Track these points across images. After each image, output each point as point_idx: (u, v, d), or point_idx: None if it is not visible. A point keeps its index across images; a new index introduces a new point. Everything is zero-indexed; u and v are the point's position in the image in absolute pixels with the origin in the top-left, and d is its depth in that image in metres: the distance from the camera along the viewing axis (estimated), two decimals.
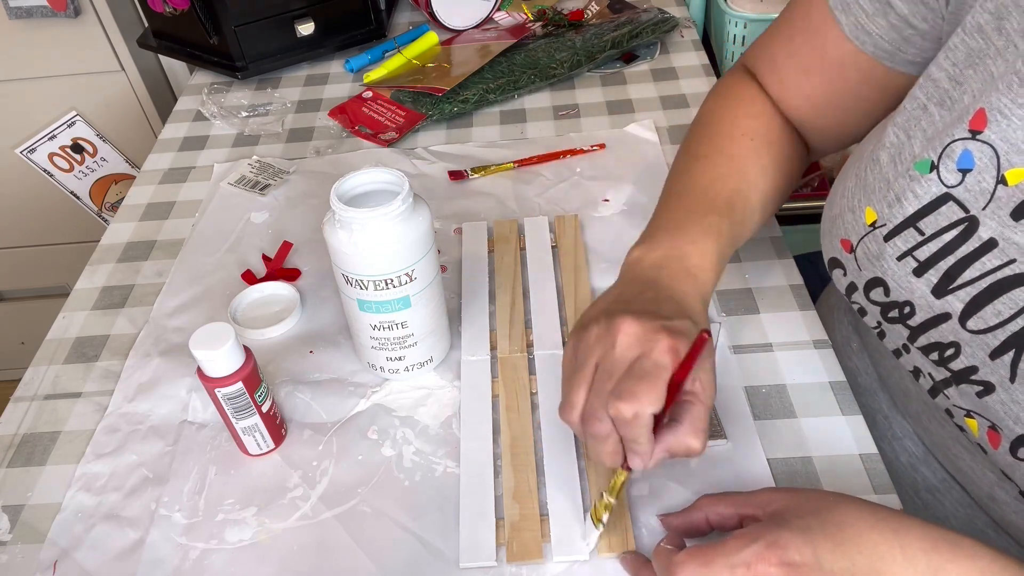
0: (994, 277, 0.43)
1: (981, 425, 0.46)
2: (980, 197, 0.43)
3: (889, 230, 0.47)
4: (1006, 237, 0.42)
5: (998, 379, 0.44)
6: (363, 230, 0.51)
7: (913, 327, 0.48)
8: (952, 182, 0.43)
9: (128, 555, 0.51)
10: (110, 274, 0.74)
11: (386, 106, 0.93)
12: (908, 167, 0.46)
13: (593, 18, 1.04)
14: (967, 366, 0.45)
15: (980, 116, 0.42)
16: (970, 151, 0.43)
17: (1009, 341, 0.43)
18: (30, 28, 1.18)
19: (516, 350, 0.62)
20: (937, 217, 0.44)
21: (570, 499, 0.51)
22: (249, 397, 0.52)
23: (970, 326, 0.44)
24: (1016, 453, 0.44)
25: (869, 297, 0.50)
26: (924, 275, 0.46)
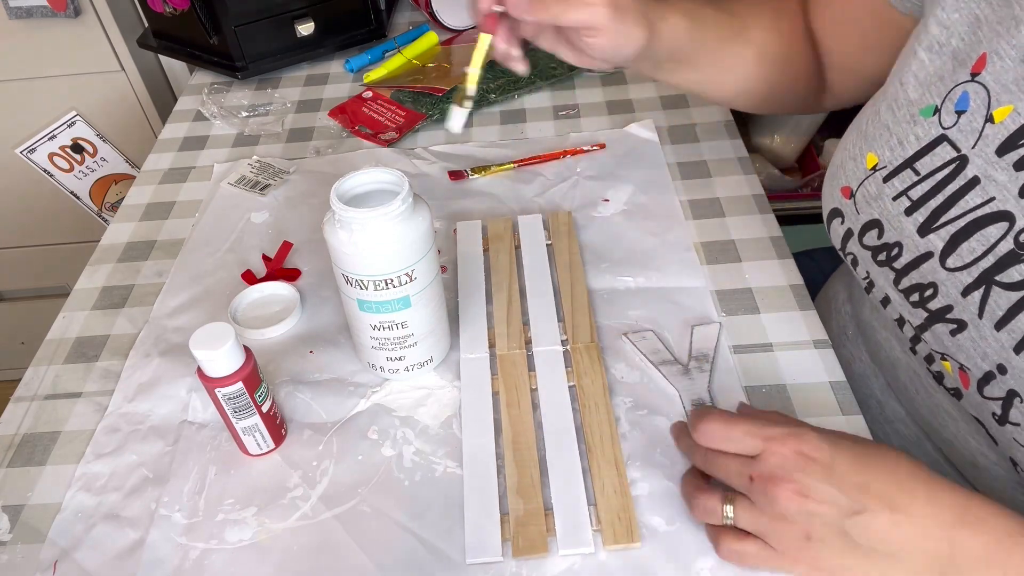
0: (974, 215, 0.45)
1: (954, 366, 0.48)
2: (970, 136, 0.45)
3: (889, 171, 0.49)
4: (988, 175, 0.44)
5: (969, 316, 0.45)
6: (363, 230, 0.51)
7: (898, 269, 0.50)
8: (948, 123, 0.46)
9: (128, 555, 0.51)
10: (110, 274, 0.74)
11: (386, 106, 0.93)
12: (911, 112, 0.48)
13: None
14: (943, 305, 0.47)
15: (982, 60, 0.44)
16: (967, 93, 0.45)
17: (980, 278, 0.45)
18: (30, 28, 1.18)
19: (515, 347, 0.62)
20: (932, 158, 0.47)
21: (574, 492, 0.52)
22: (249, 397, 0.52)
23: (948, 264, 0.46)
24: (983, 391, 0.46)
25: (863, 242, 0.52)
26: (913, 214, 0.48)
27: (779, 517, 0.42)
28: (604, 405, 0.57)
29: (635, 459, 0.54)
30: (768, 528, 0.43)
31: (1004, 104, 0.43)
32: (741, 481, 0.44)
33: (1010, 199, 0.43)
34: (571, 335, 0.62)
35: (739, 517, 0.44)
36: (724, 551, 0.46)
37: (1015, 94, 0.43)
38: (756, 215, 0.73)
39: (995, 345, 0.44)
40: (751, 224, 0.73)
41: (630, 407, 0.57)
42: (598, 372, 0.59)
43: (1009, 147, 0.43)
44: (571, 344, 0.62)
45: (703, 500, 0.46)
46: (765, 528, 0.43)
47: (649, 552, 0.49)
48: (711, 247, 0.71)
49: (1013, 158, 0.43)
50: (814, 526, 0.41)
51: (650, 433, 0.55)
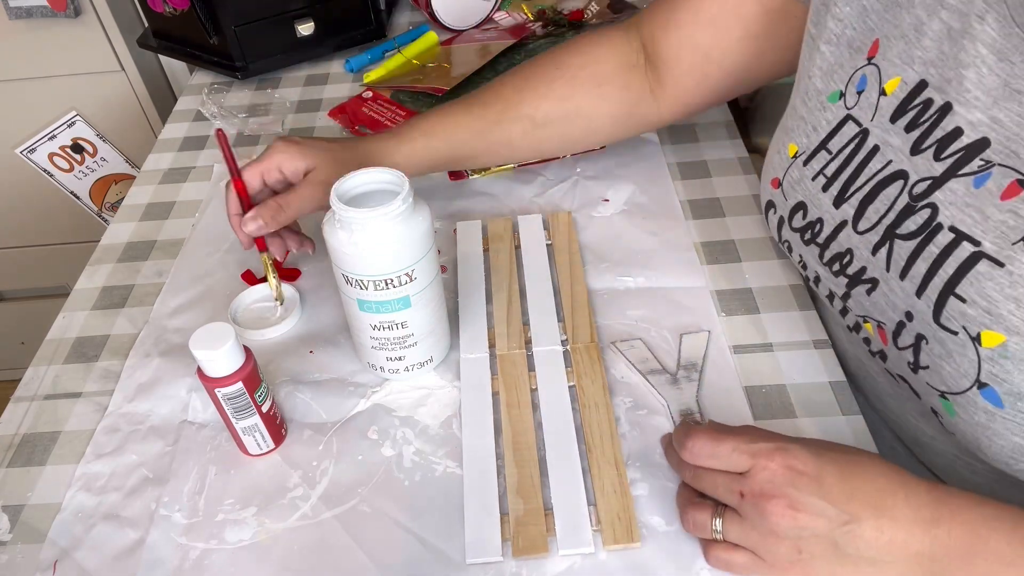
0: (876, 179, 0.49)
1: (873, 326, 0.51)
2: (868, 111, 0.50)
3: (807, 155, 0.54)
4: (885, 141, 0.48)
5: (879, 272, 0.49)
6: (363, 230, 0.51)
7: (820, 243, 0.54)
8: (851, 104, 0.51)
9: (128, 555, 0.51)
10: (110, 274, 0.74)
11: (386, 106, 0.93)
12: (820, 101, 0.53)
13: (593, 18, 1.04)
14: (858, 268, 0.51)
15: (875, 45, 0.49)
16: (865, 75, 0.50)
17: (884, 235, 0.48)
18: (30, 28, 1.18)
19: (515, 347, 0.62)
20: (841, 136, 0.51)
21: (574, 492, 0.52)
22: (249, 397, 0.52)
23: (859, 228, 0.50)
24: (897, 342, 0.49)
25: (791, 225, 0.56)
26: (829, 188, 0.52)
27: (769, 532, 0.43)
28: (604, 405, 0.57)
29: (635, 459, 0.54)
30: (758, 543, 0.44)
31: (892, 77, 0.48)
32: (731, 497, 0.44)
33: (904, 159, 0.47)
34: (571, 335, 0.62)
35: (728, 531, 0.45)
36: (713, 560, 0.46)
37: (899, 67, 0.47)
38: (756, 215, 0.73)
39: (901, 294, 0.47)
40: (751, 224, 0.73)
41: (630, 407, 0.57)
42: (598, 372, 0.59)
43: (900, 113, 0.47)
44: (571, 344, 0.62)
45: (693, 514, 0.47)
46: (755, 543, 0.44)
47: (649, 552, 0.49)
48: (711, 247, 0.71)
49: (903, 122, 0.47)
50: (805, 540, 0.42)
51: (650, 433, 0.55)
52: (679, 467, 0.49)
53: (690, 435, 0.46)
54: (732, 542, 0.45)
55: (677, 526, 0.50)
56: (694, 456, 0.46)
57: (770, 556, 0.43)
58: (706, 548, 0.47)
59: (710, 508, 0.46)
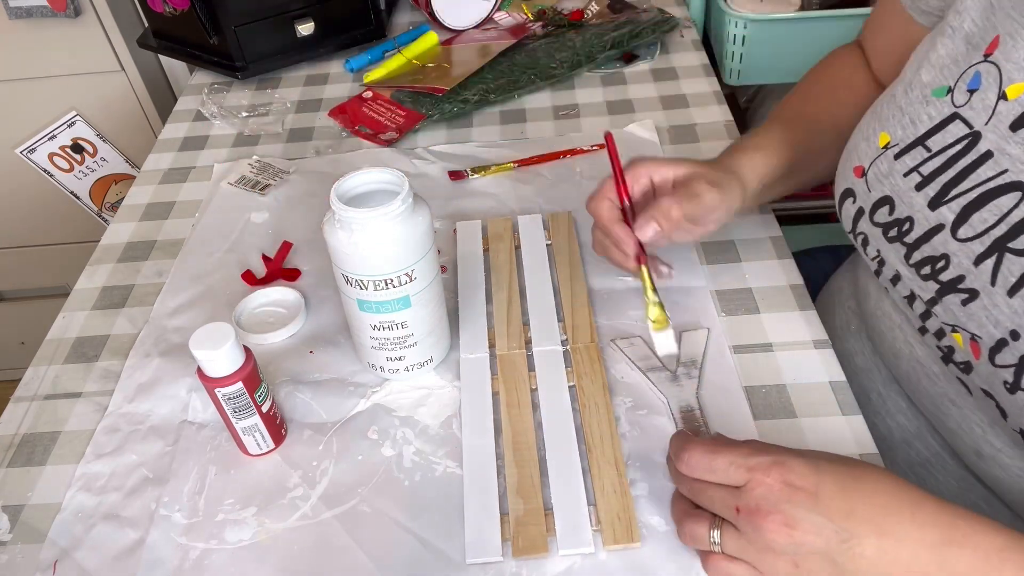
0: (985, 187, 0.46)
1: (964, 338, 0.49)
2: (983, 113, 0.47)
3: (900, 149, 0.51)
4: (1001, 148, 0.46)
5: (981, 284, 0.47)
6: (363, 230, 0.51)
7: (909, 243, 0.51)
8: (961, 102, 0.48)
9: (128, 555, 0.51)
10: (110, 274, 0.74)
11: (386, 106, 0.93)
12: (924, 94, 0.51)
13: (593, 18, 1.04)
14: (955, 276, 0.48)
15: (995, 42, 0.47)
16: (979, 72, 0.47)
17: (992, 246, 0.46)
18: (30, 28, 1.18)
19: (515, 347, 0.62)
20: (944, 135, 0.49)
21: (574, 492, 0.52)
22: (249, 397, 0.52)
23: (960, 235, 0.48)
24: (994, 359, 0.46)
25: (873, 219, 0.54)
26: (924, 188, 0.49)
27: (766, 549, 0.41)
28: (604, 405, 0.57)
29: (635, 459, 0.54)
30: (756, 558, 0.43)
31: (1017, 82, 0.45)
32: (728, 512, 0.43)
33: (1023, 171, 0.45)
34: (571, 335, 0.62)
35: (726, 544, 0.44)
36: (712, 571, 0.45)
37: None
38: (756, 215, 0.73)
39: (1008, 311, 0.45)
40: (751, 224, 0.73)
41: (630, 407, 0.57)
42: (598, 372, 0.59)
43: (1023, 123, 0.45)
44: (571, 344, 0.62)
45: (690, 526, 0.46)
46: (753, 557, 0.43)
47: (649, 552, 0.49)
48: (711, 247, 0.71)
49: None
50: (803, 557, 0.41)
51: (650, 433, 0.55)
52: (676, 478, 0.48)
53: (686, 447, 0.45)
54: (731, 555, 0.44)
55: None
56: (690, 469, 0.45)
57: (769, 571, 0.42)
58: (705, 559, 0.46)
59: (707, 520, 0.45)
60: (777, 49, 1.00)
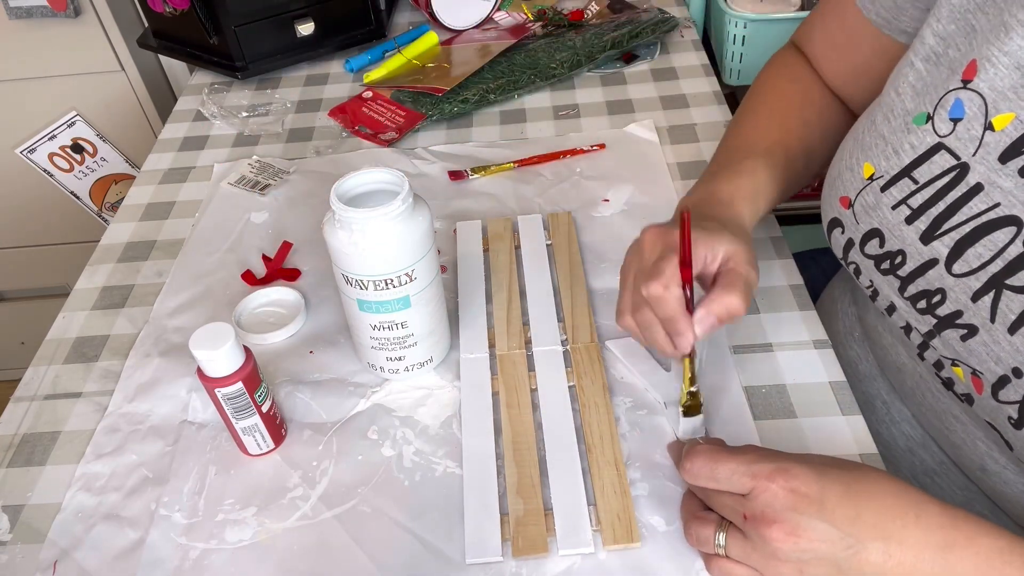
0: (978, 221, 0.45)
1: (966, 372, 0.48)
2: (970, 144, 0.45)
3: (886, 181, 0.50)
4: (991, 181, 0.44)
5: (980, 320, 0.46)
6: (363, 230, 0.51)
7: (903, 276, 0.50)
8: (944, 131, 0.46)
9: (128, 555, 0.51)
10: (110, 274, 0.74)
11: (386, 106, 0.93)
12: (905, 122, 0.49)
13: (593, 18, 1.04)
14: (952, 311, 0.47)
15: (972, 66, 0.45)
16: (961, 100, 0.46)
17: (989, 282, 0.45)
18: (30, 28, 1.18)
19: (515, 347, 0.62)
20: (930, 166, 0.47)
21: (573, 492, 0.52)
22: (249, 397, 0.52)
23: (955, 270, 0.46)
24: (997, 395, 0.46)
25: (864, 251, 0.52)
26: (915, 222, 0.48)
27: (771, 556, 0.41)
28: (604, 405, 0.57)
29: (635, 459, 0.54)
30: (760, 564, 0.43)
31: (1003, 112, 0.43)
32: (735, 517, 0.43)
33: (1017, 204, 0.43)
34: (571, 335, 0.62)
35: (731, 548, 0.44)
36: (715, 571, 0.46)
37: (1014, 101, 0.43)
38: None
39: (1009, 349, 0.44)
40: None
41: (630, 407, 0.57)
42: (598, 372, 0.59)
43: (1012, 154, 0.43)
44: (571, 344, 0.62)
45: (696, 528, 0.46)
46: (757, 563, 0.43)
47: (649, 552, 0.49)
48: None
49: (1018, 164, 0.43)
50: (808, 563, 0.41)
51: (650, 433, 0.55)
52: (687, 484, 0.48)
53: (689, 455, 0.45)
54: (735, 559, 0.44)
55: (677, 526, 0.50)
56: (693, 477, 0.45)
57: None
58: (708, 560, 0.46)
59: (713, 523, 0.45)
60: (777, 49, 1.00)
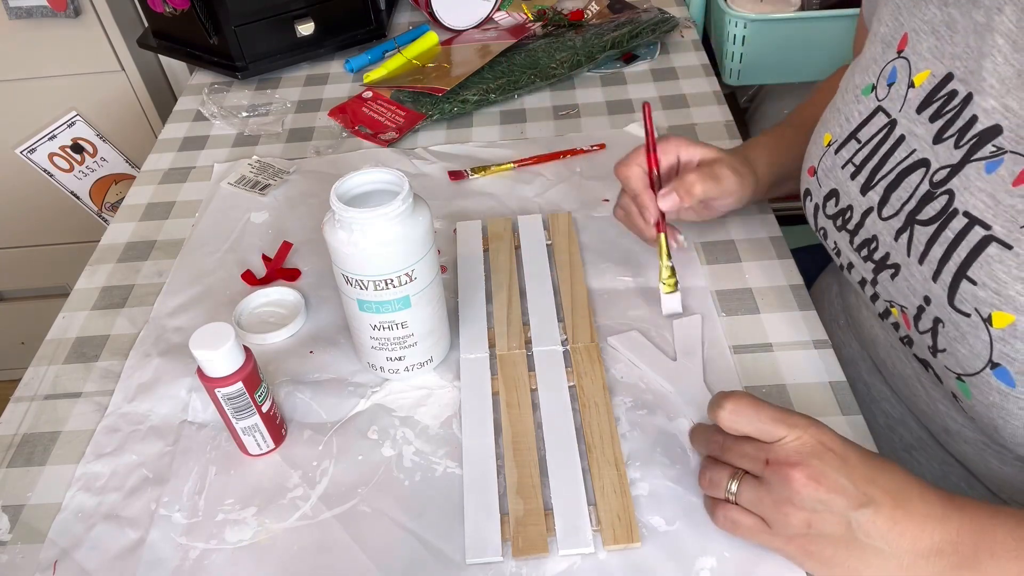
0: (900, 167, 0.51)
1: (899, 311, 0.53)
2: (897, 102, 0.52)
3: (838, 144, 0.57)
4: (910, 131, 0.51)
5: (901, 258, 0.51)
6: (363, 230, 0.51)
7: (851, 229, 0.56)
8: (882, 96, 0.54)
9: (128, 555, 0.51)
10: (110, 274, 0.74)
11: (386, 106, 0.93)
12: (855, 95, 0.56)
13: (593, 18, 1.04)
14: (884, 254, 0.53)
15: (904, 39, 0.53)
16: (896, 67, 0.53)
17: (906, 220, 0.51)
18: (30, 28, 1.18)
19: (515, 347, 0.62)
20: (871, 127, 0.54)
21: (573, 492, 0.52)
22: (249, 397, 0.52)
23: (884, 214, 0.53)
24: (918, 327, 0.51)
25: (825, 212, 0.59)
26: (857, 176, 0.55)
27: (786, 501, 0.43)
28: (604, 405, 0.57)
29: (635, 459, 0.54)
30: (770, 510, 0.44)
31: (922, 70, 0.51)
32: (756, 465, 0.45)
33: (927, 148, 0.50)
34: (571, 335, 0.62)
35: (741, 495, 0.45)
36: (719, 518, 0.47)
37: (930, 60, 0.50)
38: (756, 215, 0.73)
39: (920, 279, 0.49)
40: (751, 224, 0.73)
41: (630, 407, 0.57)
42: (598, 372, 0.59)
43: (926, 104, 0.50)
44: (571, 344, 0.62)
45: (711, 472, 0.47)
46: (767, 510, 0.44)
47: (649, 552, 0.49)
48: (711, 247, 0.71)
49: (928, 112, 0.50)
50: (819, 515, 0.42)
51: (650, 433, 0.55)
52: (706, 440, 0.49)
53: (731, 397, 0.46)
54: (743, 505, 0.46)
55: (678, 526, 0.50)
56: (734, 418, 0.45)
57: (778, 525, 0.44)
58: (714, 506, 0.47)
59: (729, 470, 0.47)
60: (777, 49, 1.00)
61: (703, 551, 0.48)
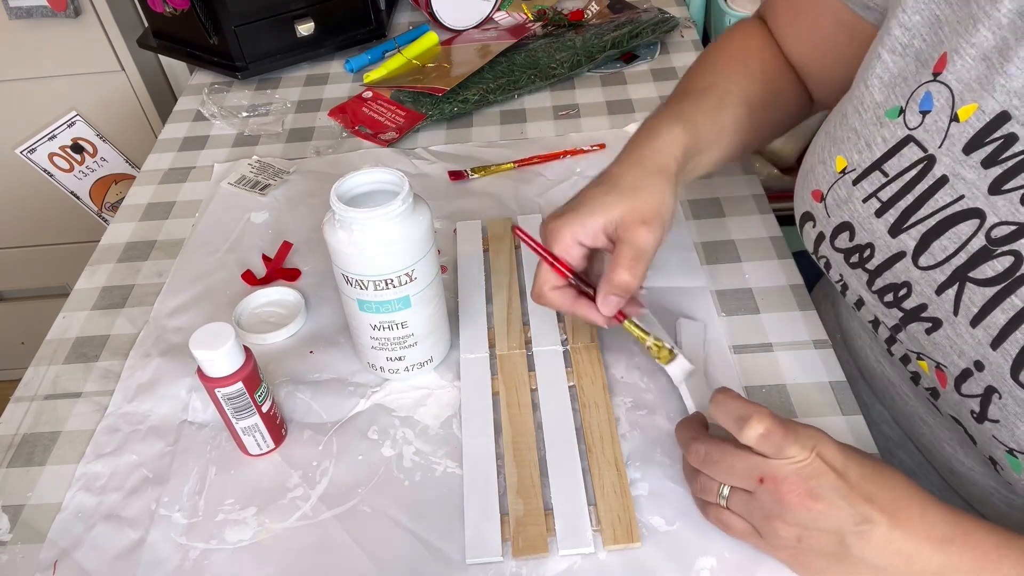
0: (943, 213, 0.45)
1: (930, 366, 0.48)
2: (936, 135, 0.45)
3: (858, 174, 0.50)
4: (956, 173, 0.44)
5: (944, 314, 0.46)
6: (363, 230, 0.51)
7: (871, 270, 0.50)
8: (914, 124, 0.47)
9: (128, 555, 0.51)
10: (110, 274, 0.74)
11: (386, 106, 0.93)
12: (877, 115, 0.49)
13: (593, 18, 1.04)
14: (917, 304, 0.48)
15: (943, 59, 0.45)
16: (931, 93, 0.46)
17: (953, 275, 0.45)
18: (30, 28, 1.18)
19: (515, 347, 0.62)
20: (900, 159, 0.47)
21: (573, 493, 0.52)
22: (249, 397, 0.52)
23: (921, 263, 0.47)
24: (960, 389, 0.46)
25: (834, 245, 0.53)
26: (884, 215, 0.48)
27: (776, 516, 0.42)
28: (604, 405, 0.57)
29: (635, 459, 0.54)
30: (760, 523, 0.43)
31: (968, 103, 0.44)
32: (748, 481, 0.43)
33: (979, 196, 0.43)
34: (571, 335, 0.62)
35: (733, 502, 0.45)
36: (712, 518, 0.46)
37: (978, 92, 0.43)
38: (756, 215, 0.73)
39: (971, 342, 0.44)
40: (751, 224, 0.73)
41: (630, 407, 0.57)
42: (598, 372, 0.59)
43: (976, 145, 0.43)
44: (571, 344, 0.62)
45: (704, 478, 0.46)
46: (757, 522, 0.44)
47: (649, 552, 0.49)
48: (711, 247, 0.71)
49: (980, 156, 0.43)
50: (811, 532, 0.41)
51: (650, 433, 0.55)
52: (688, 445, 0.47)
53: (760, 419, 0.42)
54: (734, 511, 0.45)
55: (678, 526, 0.50)
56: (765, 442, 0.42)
57: (768, 537, 0.43)
58: (705, 507, 0.47)
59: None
60: None
61: (703, 551, 0.48)
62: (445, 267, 0.70)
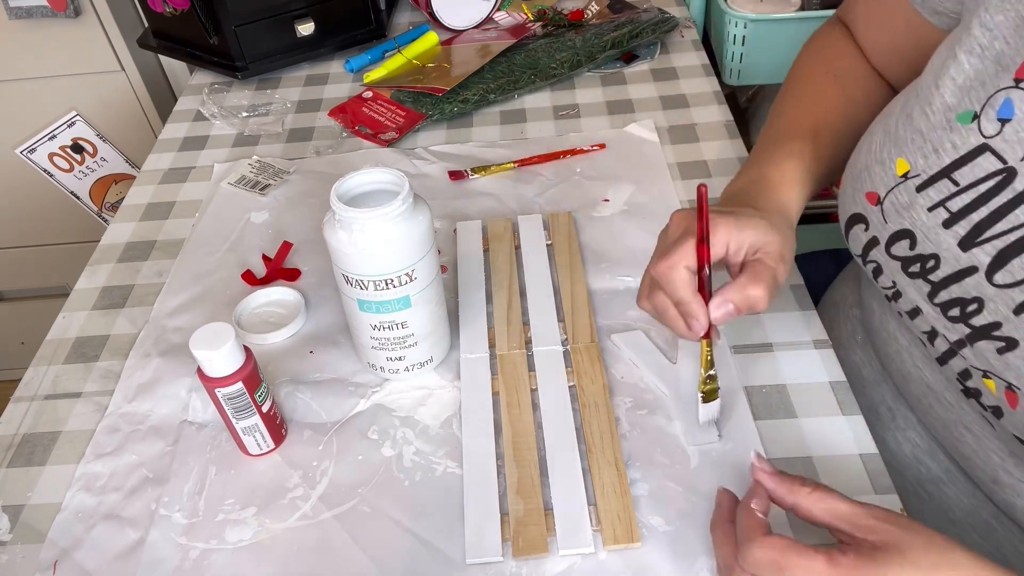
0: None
1: (999, 385, 0.45)
2: (1017, 147, 0.42)
3: (923, 180, 0.46)
4: None
5: (1022, 335, 0.43)
6: (363, 230, 0.51)
7: (935, 282, 0.47)
8: (991, 132, 0.43)
9: (128, 555, 0.51)
10: (110, 274, 0.74)
11: (386, 106, 0.93)
12: (947, 118, 0.46)
13: (593, 18, 1.04)
14: (990, 322, 0.44)
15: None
16: (1012, 100, 0.42)
17: None
18: (30, 28, 1.18)
19: (515, 347, 0.62)
20: (974, 168, 0.44)
21: (573, 493, 0.52)
22: (249, 397, 0.52)
23: (996, 280, 0.43)
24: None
25: (890, 251, 0.50)
26: (953, 227, 0.45)
27: None
28: (604, 405, 0.57)
29: (635, 459, 0.54)
30: None
31: None
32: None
33: None
34: (571, 335, 0.62)
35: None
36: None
37: None
38: None
39: None
40: None
41: (630, 407, 0.57)
42: (598, 372, 0.59)
43: None
44: (571, 344, 0.62)
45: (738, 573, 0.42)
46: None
47: (649, 552, 0.49)
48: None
49: None
50: None
51: (650, 433, 0.55)
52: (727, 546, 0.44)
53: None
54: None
55: (678, 526, 0.50)
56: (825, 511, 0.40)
57: None
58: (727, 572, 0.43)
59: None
60: (777, 49, 1.00)
61: (703, 551, 0.48)
62: (445, 267, 0.70)
